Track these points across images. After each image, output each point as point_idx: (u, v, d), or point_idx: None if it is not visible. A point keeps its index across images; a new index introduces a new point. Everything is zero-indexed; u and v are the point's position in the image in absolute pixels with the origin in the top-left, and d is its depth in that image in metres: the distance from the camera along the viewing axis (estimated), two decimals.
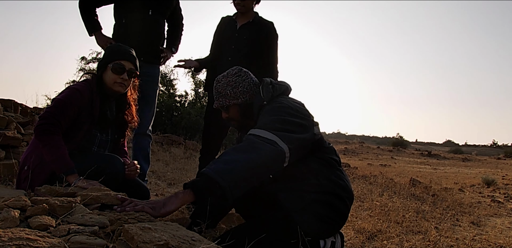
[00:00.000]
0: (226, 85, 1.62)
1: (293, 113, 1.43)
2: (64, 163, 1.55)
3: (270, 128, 1.34)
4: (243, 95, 1.61)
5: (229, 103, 1.62)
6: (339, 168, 1.56)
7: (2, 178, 2.50)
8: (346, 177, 1.56)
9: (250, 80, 1.64)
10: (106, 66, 1.79)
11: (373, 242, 2.33)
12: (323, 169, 1.50)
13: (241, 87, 1.61)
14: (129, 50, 1.85)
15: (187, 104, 9.76)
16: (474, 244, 2.53)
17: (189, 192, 1.17)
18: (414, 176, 6.70)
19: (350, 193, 1.52)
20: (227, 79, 1.63)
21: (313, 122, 1.48)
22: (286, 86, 1.64)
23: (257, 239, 1.24)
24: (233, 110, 1.64)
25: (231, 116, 1.67)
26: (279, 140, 1.30)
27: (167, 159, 5.42)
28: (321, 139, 1.54)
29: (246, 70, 1.67)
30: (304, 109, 1.51)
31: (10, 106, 3.40)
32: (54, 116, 1.61)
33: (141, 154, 2.72)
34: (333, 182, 1.48)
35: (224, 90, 1.62)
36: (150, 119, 2.75)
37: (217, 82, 1.66)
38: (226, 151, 1.29)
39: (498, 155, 22.73)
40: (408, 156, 17.83)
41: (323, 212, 1.43)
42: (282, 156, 1.29)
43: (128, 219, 1.04)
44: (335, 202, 1.45)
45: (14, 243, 0.72)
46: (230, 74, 1.64)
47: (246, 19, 2.61)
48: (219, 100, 1.64)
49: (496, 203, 4.68)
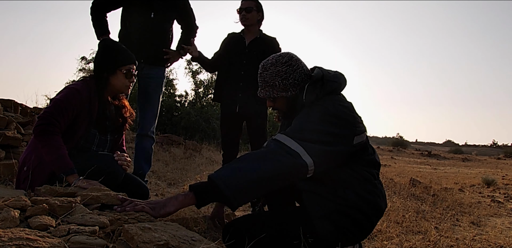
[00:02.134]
0: (275, 75, 1.45)
1: (333, 120, 1.30)
2: (64, 163, 1.55)
3: (299, 137, 1.24)
4: (293, 88, 1.45)
5: (277, 94, 1.47)
6: (373, 182, 1.41)
7: (2, 178, 2.50)
8: (379, 192, 1.42)
9: (301, 70, 1.46)
10: (116, 70, 1.80)
11: (373, 242, 2.33)
12: (354, 183, 1.36)
13: (291, 79, 1.44)
14: (130, 51, 1.88)
15: (187, 104, 9.77)
16: (474, 244, 2.53)
17: (191, 195, 1.16)
18: (414, 176, 6.69)
19: (378, 210, 1.40)
20: (276, 68, 1.45)
21: (355, 131, 1.33)
22: (339, 83, 1.46)
23: (257, 239, 1.23)
24: (281, 101, 1.50)
25: (277, 107, 1.54)
26: (303, 152, 1.21)
27: (167, 159, 5.42)
28: (362, 149, 1.39)
29: (297, 58, 1.49)
30: (349, 115, 1.36)
31: (10, 106, 3.40)
32: (53, 116, 1.61)
33: (143, 155, 2.72)
34: (361, 198, 1.35)
35: (272, 81, 1.46)
36: (152, 120, 2.75)
37: (265, 69, 1.49)
38: (242, 157, 1.23)
39: (498, 155, 22.74)
40: (408, 156, 17.82)
41: (344, 224, 1.34)
42: (302, 170, 1.21)
43: (128, 219, 1.04)
44: (358, 217, 1.34)
45: (14, 243, 0.72)
46: (279, 62, 1.46)
47: (253, 36, 2.76)
48: (266, 89, 1.49)
49: (496, 203, 4.68)
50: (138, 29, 2.64)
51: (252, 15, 2.70)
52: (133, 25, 2.65)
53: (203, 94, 10.07)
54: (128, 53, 1.85)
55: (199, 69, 10.17)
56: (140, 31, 2.64)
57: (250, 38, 2.75)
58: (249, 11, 2.68)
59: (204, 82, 10.11)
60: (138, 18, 2.63)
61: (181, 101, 9.86)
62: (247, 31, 2.77)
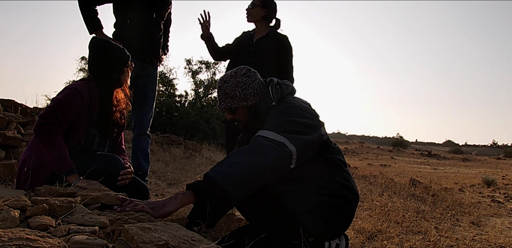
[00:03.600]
0: (235, 86, 1.53)
1: (302, 113, 1.42)
2: (64, 163, 1.55)
3: (279, 129, 1.32)
4: (253, 97, 1.53)
5: (237, 105, 1.54)
6: (345, 169, 1.53)
7: (2, 178, 2.50)
8: (351, 178, 1.53)
9: (259, 81, 1.57)
10: (124, 68, 1.84)
11: (373, 242, 2.33)
12: (331, 171, 1.47)
13: (251, 89, 1.53)
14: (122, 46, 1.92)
15: (187, 104, 9.77)
16: (474, 244, 2.53)
17: (190, 193, 1.17)
18: (414, 176, 6.69)
19: (356, 195, 1.50)
20: (236, 79, 1.54)
21: (320, 123, 1.47)
22: (292, 87, 1.61)
23: (258, 239, 1.23)
24: (241, 112, 1.57)
25: (238, 118, 1.60)
26: (287, 141, 1.28)
27: (167, 159, 5.42)
28: (328, 139, 1.51)
29: (254, 70, 1.60)
30: (311, 109, 1.50)
31: (10, 106, 3.40)
32: (54, 116, 1.61)
33: (142, 154, 2.74)
34: (341, 184, 1.45)
35: (232, 92, 1.53)
36: (150, 119, 2.80)
37: (224, 82, 1.56)
38: (233, 153, 1.27)
39: (498, 155, 22.72)
40: (408, 156, 17.82)
41: (331, 214, 1.40)
42: (289, 158, 1.28)
43: (128, 219, 1.04)
44: (342, 204, 1.43)
45: (14, 243, 0.72)
46: (238, 74, 1.55)
47: (261, 34, 2.77)
48: (226, 101, 1.56)
49: (496, 203, 4.68)
50: (143, 29, 2.64)
51: (255, 11, 2.70)
52: (135, 25, 2.63)
53: (203, 94, 10.07)
54: (123, 49, 1.87)
55: (199, 69, 10.17)
56: (146, 31, 2.65)
57: (258, 36, 2.75)
58: (253, 6, 2.68)
59: (204, 82, 10.12)
60: (142, 18, 2.63)
61: (181, 101, 9.86)
62: (256, 29, 2.77)
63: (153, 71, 2.79)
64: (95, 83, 1.79)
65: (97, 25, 2.59)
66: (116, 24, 2.69)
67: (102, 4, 2.65)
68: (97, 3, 2.62)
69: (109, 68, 1.81)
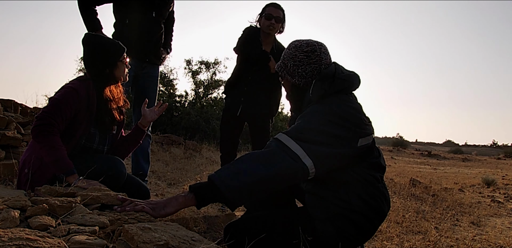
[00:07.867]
0: (291, 58, 1.43)
1: (336, 120, 1.26)
2: (63, 163, 1.55)
3: (300, 137, 1.22)
4: (299, 78, 1.43)
5: (284, 75, 1.46)
6: (376, 186, 1.36)
7: (2, 178, 2.50)
8: (382, 195, 1.37)
9: (316, 66, 1.41)
10: (117, 62, 1.81)
11: (373, 242, 2.33)
12: (357, 185, 1.32)
13: (301, 69, 1.41)
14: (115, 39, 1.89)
15: (187, 104, 9.77)
16: (474, 244, 2.53)
17: (191, 196, 1.16)
18: (414, 176, 6.69)
19: (381, 214, 1.37)
20: (296, 52, 1.42)
21: (360, 133, 1.29)
22: (350, 82, 1.39)
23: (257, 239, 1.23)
24: (286, 83, 1.49)
25: (283, 85, 1.53)
26: (303, 154, 1.19)
27: (167, 159, 5.42)
28: (368, 152, 1.34)
29: (320, 53, 1.42)
30: (355, 116, 1.31)
31: (10, 106, 3.40)
32: (50, 116, 1.58)
33: (142, 154, 2.74)
34: (364, 202, 1.32)
35: (287, 60, 1.44)
36: None
37: (289, 48, 1.46)
38: (243, 157, 1.22)
39: (498, 155, 22.72)
40: (408, 156, 17.82)
41: (345, 228, 1.32)
42: (302, 172, 1.20)
43: (128, 219, 1.04)
44: (361, 221, 1.32)
45: (14, 243, 0.72)
46: (301, 49, 1.42)
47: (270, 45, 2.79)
48: (279, 64, 1.48)
49: (496, 203, 4.68)
50: (142, 29, 2.63)
51: (279, 26, 2.74)
52: (134, 24, 2.63)
53: (203, 94, 10.07)
54: (117, 42, 1.84)
55: (199, 70, 10.17)
56: (145, 31, 2.64)
57: (267, 47, 2.77)
58: (279, 21, 2.70)
59: (204, 82, 10.12)
60: (141, 17, 2.63)
61: (181, 101, 9.86)
62: (264, 38, 2.77)
63: (153, 70, 2.77)
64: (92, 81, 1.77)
65: (97, 25, 2.60)
66: (116, 24, 2.69)
67: (101, 4, 2.65)
68: (97, 3, 2.62)
69: (101, 62, 1.78)
